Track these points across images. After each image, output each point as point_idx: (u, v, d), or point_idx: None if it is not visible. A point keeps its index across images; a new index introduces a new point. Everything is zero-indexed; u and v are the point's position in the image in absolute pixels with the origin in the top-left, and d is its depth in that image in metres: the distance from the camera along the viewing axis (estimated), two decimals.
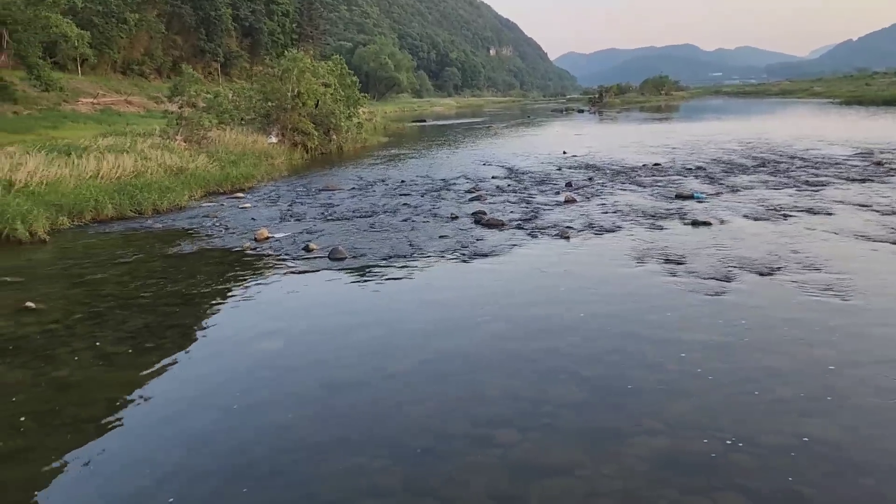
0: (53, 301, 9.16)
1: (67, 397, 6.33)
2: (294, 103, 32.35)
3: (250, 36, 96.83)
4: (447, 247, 11.69)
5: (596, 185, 18.77)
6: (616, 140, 36.82)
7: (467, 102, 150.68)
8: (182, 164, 21.66)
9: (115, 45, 73.00)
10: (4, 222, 13.36)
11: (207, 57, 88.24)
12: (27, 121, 49.25)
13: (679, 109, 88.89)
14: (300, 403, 6.02)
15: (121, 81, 73.63)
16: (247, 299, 9.19)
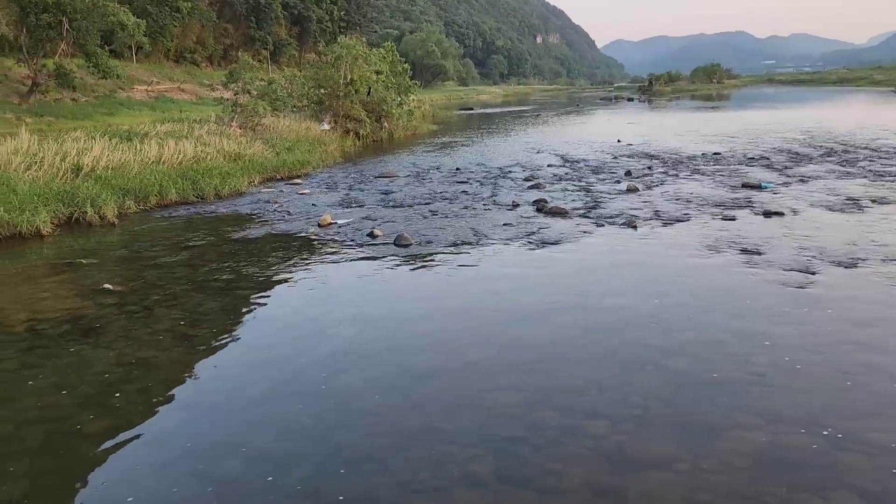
0: (129, 283, 9.33)
1: (153, 377, 6.42)
2: (347, 90, 32.46)
3: (299, 24, 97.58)
4: (512, 235, 11.56)
5: (656, 174, 18.39)
6: (669, 128, 36.08)
7: (513, 91, 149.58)
8: (239, 151, 21.93)
9: (168, 33, 74.32)
10: (75, 205, 13.71)
11: (257, 45, 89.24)
12: (85, 108, 50.60)
13: (731, 98, 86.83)
14: (383, 389, 5.98)
15: (173, 69, 75.08)
16: (318, 284, 9.22)
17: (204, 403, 5.88)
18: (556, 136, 34.16)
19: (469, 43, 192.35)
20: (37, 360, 6.77)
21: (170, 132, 25.27)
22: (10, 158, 15.92)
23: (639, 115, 53.88)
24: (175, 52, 77.33)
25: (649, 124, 40.57)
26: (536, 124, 46.64)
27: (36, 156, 16.65)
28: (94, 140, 19.60)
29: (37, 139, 20.64)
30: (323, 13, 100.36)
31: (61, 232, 12.84)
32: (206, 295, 8.80)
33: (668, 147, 25.85)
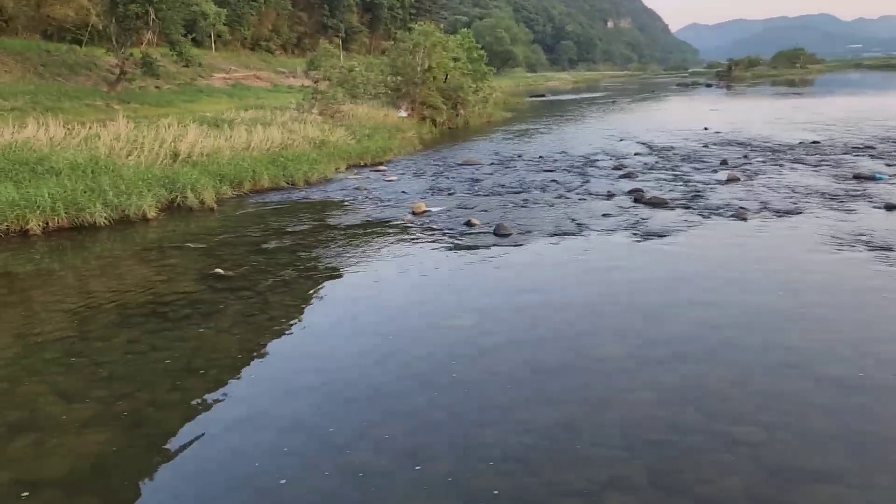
0: (239, 268, 9.44)
1: (278, 364, 6.44)
2: (424, 77, 32.38)
3: (370, 11, 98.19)
4: (614, 225, 11.22)
5: (755, 164, 17.63)
6: (756, 116, 34.66)
7: (583, 77, 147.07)
8: (323, 137, 22.14)
9: (245, 22, 75.87)
10: (176, 190, 14.05)
11: (330, 32, 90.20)
12: (168, 95, 52.17)
13: (815, 84, 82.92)
14: (513, 384, 5.81)
15: (249, 57, 76.67)
16: (426, 273, 9.11)
17: (331, 392, 5.83)
18: (637, 123, 33.24)
19: (538, 28, 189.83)
20: (165, 343, 6.88)
21: (253, 119, 25.75)
22: (113, 144, 16.46)
23: (720, 101, 52.02)
24: (251, 41, 78.92)
25: (734, 111, 39.08)
26: (613, 111, 45.63)
27: (136, 142, 17.18)
28: (186, 127, 20.12)
29: (132, 125, 21.33)
30: (394, 0, 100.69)
31: (165, 216, 13.17)
32: (315, 282, 8.82)
33: (759, 135, 24.81)
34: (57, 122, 19.25)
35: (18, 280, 9.31)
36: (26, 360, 6.55)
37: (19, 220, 11.71)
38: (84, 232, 11.98)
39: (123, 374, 6.23)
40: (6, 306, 8.25)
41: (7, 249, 10.90)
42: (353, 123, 27.17)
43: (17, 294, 8.71)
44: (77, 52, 52.30)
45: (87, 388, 5.97)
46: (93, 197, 12.51)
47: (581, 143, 24.61)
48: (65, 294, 8.60)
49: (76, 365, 6.41)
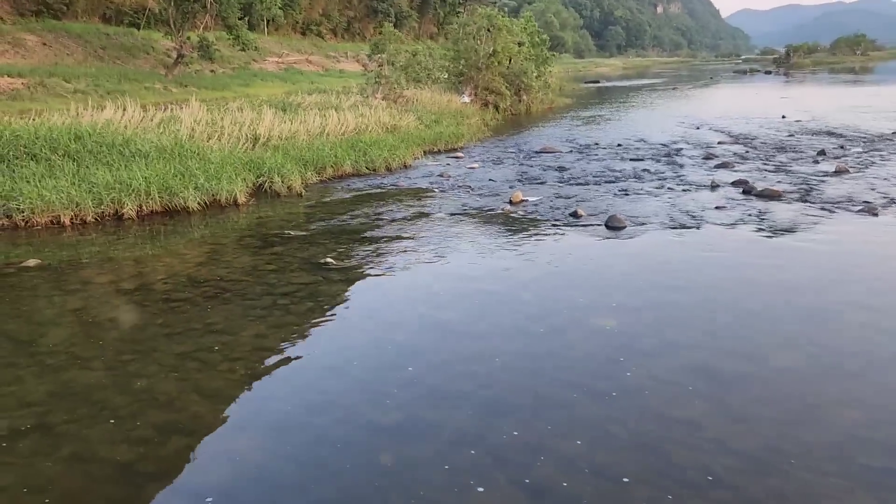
0: (346, 258, 9.07)
1: (418, 361, 6.03)
2: (489, 62, 31.74)
3: None
4: (733, 219, 10.56)
5: (855, 154, 16.69)
6: (831, 104, 33.23)
7: (633, 63, 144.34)
8: (395, 123, 21.76)
9: (297, 6, 76.00)
10: (263, 175, 13.79)
11: (380, 17, 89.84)
12: (223, 79, 52.47)
13: (878, 71, 79.73)
14: (687, 395, 5.29)
15: (301, 41, 76.81)
16: (551, 267, 8.57)
17: (493, 400, 5.39)
18: (707, 110, 32.12)
19: (586, 13, 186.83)
20: (292, 335, 6.55)
21: (319, 103, 25.50)
22: (194, 127, 16.30)
23: (786, 89, 50.24)
24: (302, 25, 79.02)
25: (805, 100, 37.55)
26: (677, 98, 44.37)
27: (215, 125, 17.01)
28: (261, 111, 19.94)
29: (206, 109, 21.21)
30: None
31: (254, 201, 12.91)
32: (435, 277, 8.38)
33: (843, 124, 23.66)
34: (135, 105, 19.23)
35: (126, 267, 9.09)
36: (158, 353, 6.26)
37: (115, 203, 11.57)
38: (177, 217, 11.79)
39: (261, 372, 5.91)
40: (119, 294, 8.02)
41: (105, 233, 10.74)
42: (419, 108, 26.71)
43: (130, 281, 8.47)
44: (135, 36, 52.90)
45: (227, 388, 5.66)
46: (184, 181, 12.31)
47: (656, 131, 23.76)
48: (177, 282, 8.32)
49: (210, 361, 6.10)
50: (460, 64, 32.63)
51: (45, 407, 5.30)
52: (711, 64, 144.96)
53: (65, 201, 11.23)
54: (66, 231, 10.95)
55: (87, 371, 5.93)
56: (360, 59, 70.33)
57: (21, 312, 7.44)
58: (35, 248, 9.95)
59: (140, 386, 5.59)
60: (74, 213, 11.28)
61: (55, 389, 5.61)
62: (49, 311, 7.52)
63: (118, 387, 5.60)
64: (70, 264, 9.15)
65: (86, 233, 10.82)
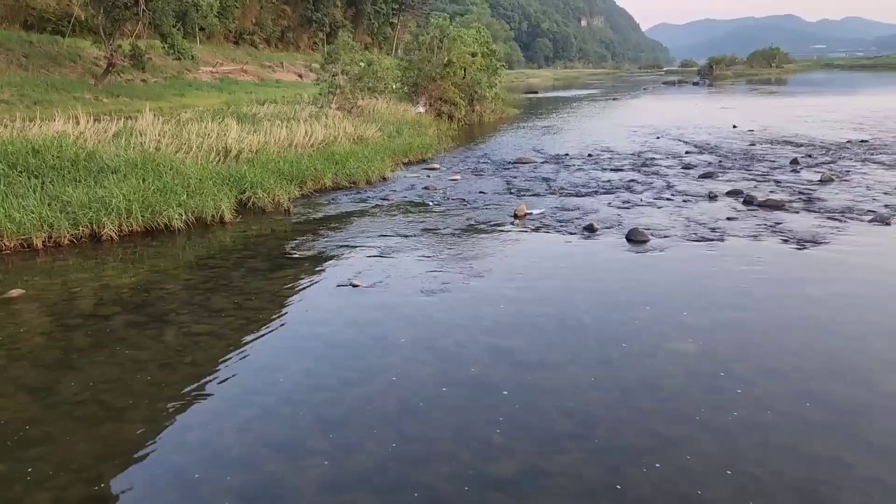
0: (375, 282, 8.42)
1: (497, 400, 5.50)
2: (444, 72, 31.40)
3: (354, 6, 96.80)
4: (751, 230, 10.42)
5: (825, 162, 17.05)
6: (772, 113, 34.34)
7: (562, 74, 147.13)
8: (360, 134, 21.11)
9: (230, 14, 74.07)
10: (246, 190, 12.93)
11: (314, 27, 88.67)
12: (156, 88, 50.46)
13: (793, 83, 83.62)
14: (808, 427, 4.95)
15: (234, 51, 74.86)
16: (600, 288, 8.18)
17: (591, 449, 4.91)
18: (657, 120, 32.56)
19: (514, 26, 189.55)
20: (352, 373, 5.91)
21: (274, 114, 24.63)
22: (160, 139, 15.25)
23: (719, 99, 51.84)
24: (234, 34, 76.99)
25: (745, 109, 38.72)
26: (620, 108, 45.16)
27: (181, 137, 16.00)
28: (221, 122, 19.00)
29: (161, 121, 20.08)
30: None
31: (240, 218, 12.06)
32: (480, 300, 7.81)
33: (796, 133, 24.36)
34: (86, 116, 18.00)
35: (127, 294, 8.18)
36: (209, 400, 5.52)
37: (93, 223, 10.55)
38: (160, 237, 10.85)
39: (327, 417, 5.26)
40: (131, 327, 7.15)
41: (85, 257, 9.73)
42: (377, 119, 26.10)
43: (137, 312, 7.58)
44: (60, 44, 50.25)
45: (305, 437, 4.99)
46: (166, 197, 11.38)
47: (619, 141, 23.87)
48: (198, 316, 7.49)
49: (256, 402, 5.41)
50: (414, 74, 32.18)
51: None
52: (636, 75, 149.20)
53: (36, 223, 10.16)
54: (38, 255, 9.89)
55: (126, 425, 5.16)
56: (311, 69, 68.85)
57: (21, 353, 6.51)
58: (8, 276, 8.90)
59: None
60: (48, 235, 10.22)
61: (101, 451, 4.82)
62: (54, 351, 6.61)
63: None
64: (60, 294, 8.18)
65: (61, 257, 9.80)
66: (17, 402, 5.56)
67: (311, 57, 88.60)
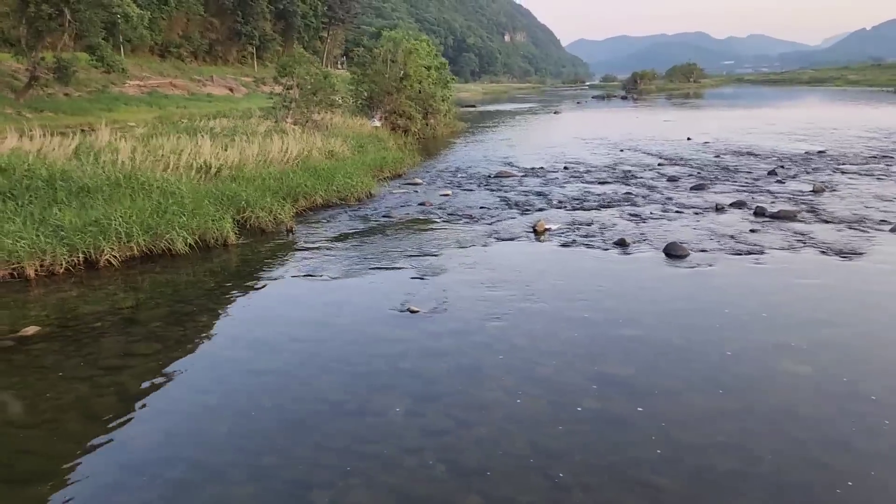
0: (428, 304, 7.85)
1: (601, 435, 5.08)
2: (400, 86, 30.93)
3: (283, 19, 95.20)
4: (782, 242, 10.36)
5: (801, 173, 17.47)
6: (715, 125, 35.32)
7: (490, 88, 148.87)
8: (332, 148, 20.40)
9: (155, 26, 71.54)
10: (242, 209, 12.08)
11: (243, 40, 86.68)
12: (81, 103, 48.13)
13: (712, 96, 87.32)
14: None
15: (160, 64, 72.35)
16: (673, 308, 7.84)
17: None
18: (608, 132, 32.92)
19: (441, 41, 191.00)
20: (429, 407, 5.36)
21: (229, 129, 23.63)
22: (134, 156, 14.19)
23: (655, 112, 53.25)
24: (160, 47, 74.35)
25: (687, 122, 39.84)
26: (565, 121, 45.71)
27: (156, 153, 14.96)
28: (184, 137, 18.03)
29: (117, 135, 18.93)
30: (307, 8, 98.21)
31: (242, 240, 11.22)
32: (558, 323, 7.37)
33: (755, 145, 25.04)
34: (44, 132, 16.74)
35: (160, 332, 7.34)
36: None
37: (90, 249, 9.55)
38: (161, 262, 9.95)
39: (462, 468, 4.71)
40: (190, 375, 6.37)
41: (86, 286, 8.76)
42: (336, 133, 25.38)
43: (208, 359, 6.77)
44: None
45: (446, 491, 4.42)
46: (167, 219, 10.45)
47: (584, 153, 23.97)
48: (257, 352, 6.77)
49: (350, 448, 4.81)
50: (369, 87, 31.55)
51: None
52: (562, 89, 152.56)
53: (28, 249, 9.10)
54: (31, 286, 8.85)
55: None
56: (242, 83, 67.12)
57: (64, 405, 5.65)
58: (6, 309, 7.89)
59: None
60: (41, 262, 9.17)
61: None
62: (101, 402, 5.78)
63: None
64: (80, 330, 7.26)
65: (60, 287, 8.79)
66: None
67: (241, 70, 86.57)
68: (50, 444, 5.07)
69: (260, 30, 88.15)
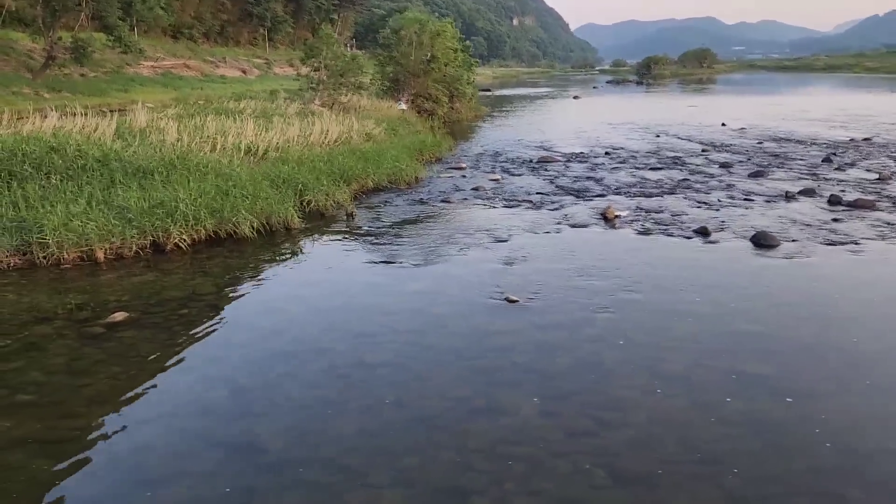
0: (528, 295, 7.50)
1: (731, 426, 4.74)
2: (427, 68, 30.42)
3: (294, 1, 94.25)
4: (873, 233, 9.93)
5: (859, 159, 17.04)
6: (748, 112, 34.62)
7: (501, 72, 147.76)
8: (369, 131, 20.00)
9: (168, 7, 70.97)
10: (300, 192, 11.71)
11: (254, 21, 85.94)
12: (97, 83, 47.78)
13: (726, 82, 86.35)
14: None
15: (174, 45, 71.78)
16: (777, 299, 7.50)
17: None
18: (638, 118, 32.33)
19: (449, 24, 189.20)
20: (615, 418, 5.03)
21: (259, 110, 23.23)
22: (181, 137, 13.85)
23: (676, 98, 52.61)
24: (173, 28, 73.72)
25: (714, 107, 39.22)
26: (588, 105, 45.24)
27: (203, 135, 14.62)
28: (223, 118, 17.68)
29: (154, 115, 18.58)
30: None
31: (306, 224, 10.86)
32: (670, 321, 7.04)
33: (793, 132, 24.53)
34: (80, 111, 16.38)
35: (254, 317, 7.01)
36: None
37: (158, 232, 9.21)
38: (227, 246, 9.61)
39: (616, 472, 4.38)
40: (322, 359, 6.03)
41: (160, 270, 8.43)
42: (365, 115, 24.94)
43: (286, 335, 6.44)
44: None
45: None
46: (231, 202, 10.10)
47: (620, 139, 23.52)
48: (361, 342, 6.45)
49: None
50: (395, 70, 31.03)
51: None
52: (573, 74, 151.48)
53: (98, 232, 8.77)
54: (101, 269, 8.53)
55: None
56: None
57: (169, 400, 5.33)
58: (85, 293, 7.57)
59: None
60: (110, 245, 8.84)
61: None
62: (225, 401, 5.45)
63: None
64: (167, 317, 6.94)
65: (129, 270, 8.47)
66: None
67: (253, 52, 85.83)
68: (171, 442, 4.74)
69: (271, 11, 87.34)
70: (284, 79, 76.15)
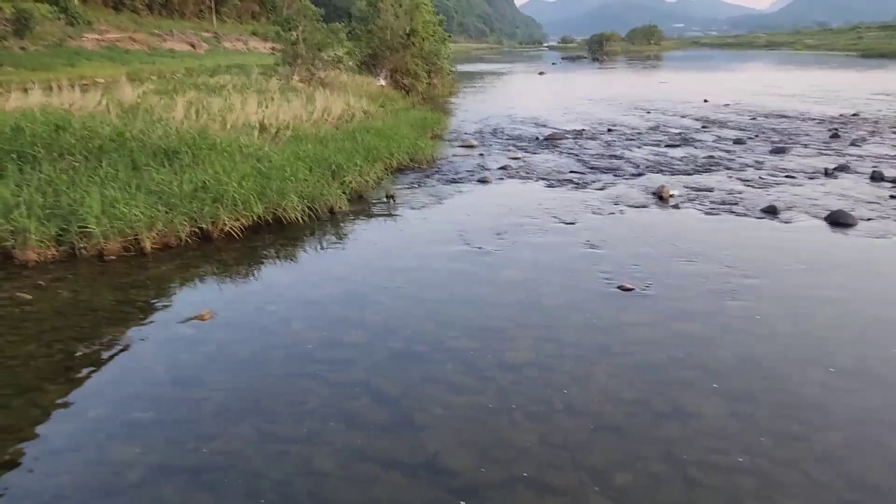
0: (645, 284, 7.02)
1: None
2: (406, 42, 29.47)
3: None
4: None
5: (864, 136, 17.07)
6: (722, 88, 34.82)
7: (452, 48, 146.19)
8: (366, 108, 19.20)
9: None
10: (337, 173, 10.91)
11: None
12: (39, 57, 45.27)
13: (677, 58, 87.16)
14: None
15: (116, 17, 68.33)
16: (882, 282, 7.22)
17: None
18: (618, 94, 32.15)
19: None
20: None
21: (240, 85, 22.17)
22: (189, 115, 12.86)
23: (641, 74, 52.76)
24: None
25: (685, 83, 39.39)
26: (559, 82, 44.93)
27: (209, 112, 13.64)
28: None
29: (140, 91, 17.47)
30: None
31: (353, 209, 10.12)
32: (797, 310, 6.65)
33: (783, 108, 24.60)
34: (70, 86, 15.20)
35: (361, 322, 6.32)
36: None
37: (207, 218, 8.37)
38: (275, 232, 8.85)
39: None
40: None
41: (213, 260, 7.63)
42: (347, 92, 24.01)
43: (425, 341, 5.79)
44: None
45: None
46: (274, 185, 9.29)
47: (612, 115, 23.22)
48: (488, 338, 5.85)
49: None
50: (373, 43, 29.96)
51: None
52: (524, 50, 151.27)
53: (144, 219, 7.89)
54: (149, 260, 7.68)
55: None
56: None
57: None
58: (145, 288, 6.76)
59: None
60: (157, 234, 7.98)
61: None
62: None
63: None
64: (259, 315, 6.21)
65: (183, 261, 7.65)
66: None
67: (200, 25, 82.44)
68: (312, 458, 4.11)
69: None
70: (235, 53, 73.42)
